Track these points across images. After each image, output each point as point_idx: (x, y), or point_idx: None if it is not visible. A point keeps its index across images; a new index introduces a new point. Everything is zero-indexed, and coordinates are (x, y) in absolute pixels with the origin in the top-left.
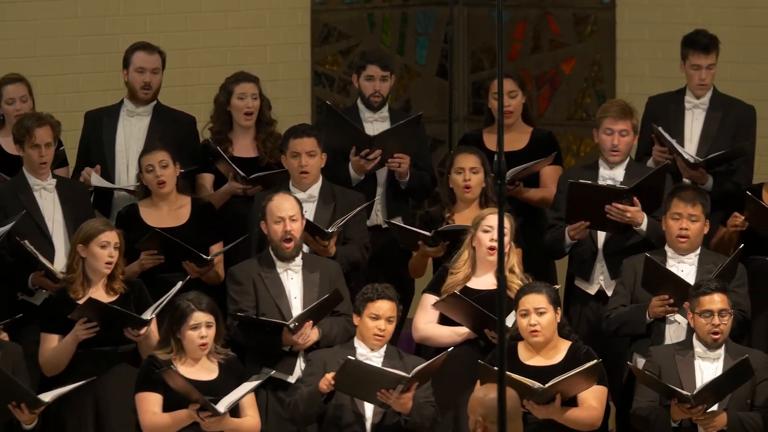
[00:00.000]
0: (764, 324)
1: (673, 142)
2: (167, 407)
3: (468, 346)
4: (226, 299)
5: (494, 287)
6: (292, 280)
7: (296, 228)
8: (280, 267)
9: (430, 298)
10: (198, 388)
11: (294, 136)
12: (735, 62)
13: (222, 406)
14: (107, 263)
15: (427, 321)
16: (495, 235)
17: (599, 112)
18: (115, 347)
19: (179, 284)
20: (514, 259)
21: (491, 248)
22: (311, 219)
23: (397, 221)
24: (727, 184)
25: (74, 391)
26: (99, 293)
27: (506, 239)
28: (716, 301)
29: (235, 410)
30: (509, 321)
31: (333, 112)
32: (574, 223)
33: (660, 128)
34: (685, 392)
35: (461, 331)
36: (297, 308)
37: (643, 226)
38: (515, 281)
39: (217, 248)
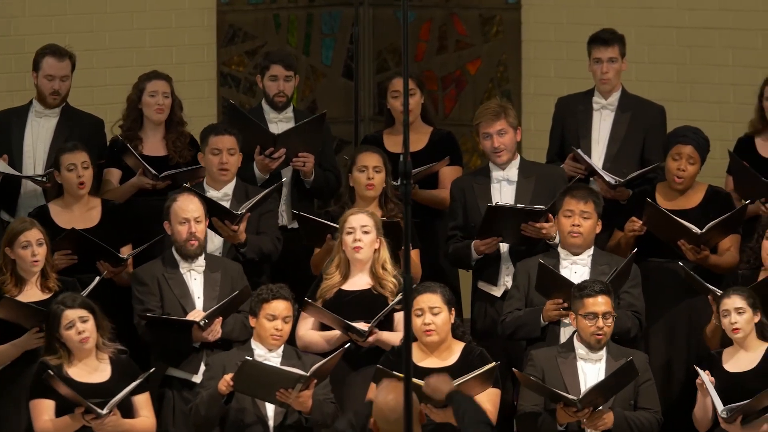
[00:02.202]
0: (663, 326)
1: (593, 163)
2: (62, 412)
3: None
4: (132, 300)
5: (368, 287)
6: (195, 280)
7: (200, 229)
8: (183, 267)
9: None
10: (91, 391)
11: (215, 134)
12: (640, 62)
13: (106, 407)
14: (34, 261)
15: (307, 328)
16: (358, 235)
17: (474, 120)
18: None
19: (96, 280)
20: (384, 255)
21: (355, 248)
22: None
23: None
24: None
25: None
26: (33, 291)
27: (371, 237)
28: (600, 303)
29: (129, 411)
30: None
31: (236, 110)
32: (485, 239)
33: (579, 150)
34: (571, 396)
35: (328, 336)
36: (200, 307)
37: (557, 240)
38: (389, 279)
39: (127, 250)
